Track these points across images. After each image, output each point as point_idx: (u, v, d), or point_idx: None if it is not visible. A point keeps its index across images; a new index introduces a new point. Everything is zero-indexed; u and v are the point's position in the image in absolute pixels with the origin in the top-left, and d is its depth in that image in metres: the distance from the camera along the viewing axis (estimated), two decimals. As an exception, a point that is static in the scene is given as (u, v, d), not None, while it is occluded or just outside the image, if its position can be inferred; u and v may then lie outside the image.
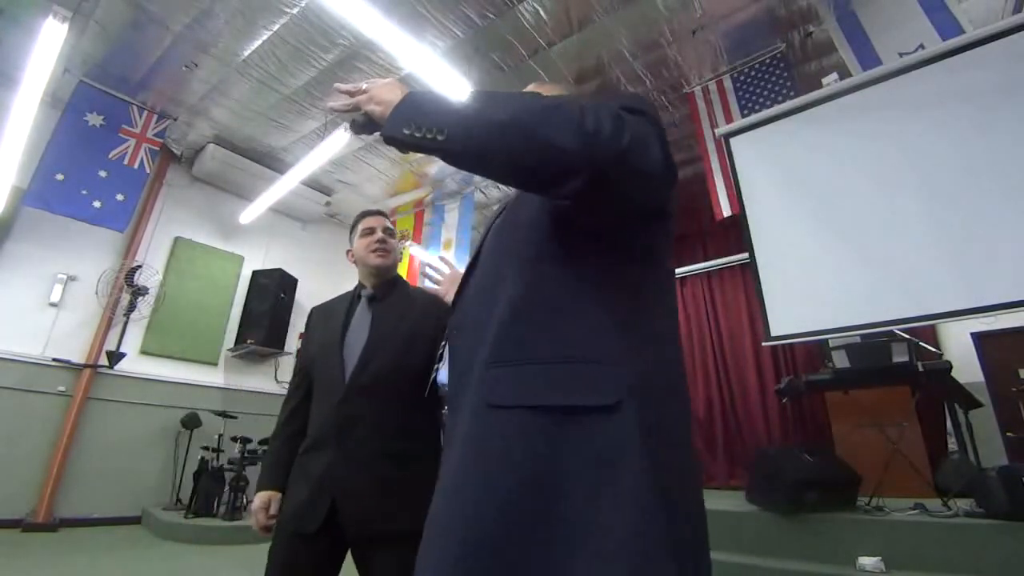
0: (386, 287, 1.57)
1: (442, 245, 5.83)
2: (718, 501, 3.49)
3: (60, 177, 4.29)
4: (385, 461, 1.32)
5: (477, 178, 5.85)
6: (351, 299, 1.58)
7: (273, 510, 1.39)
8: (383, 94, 0.76)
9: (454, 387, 0.76)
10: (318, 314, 1.65)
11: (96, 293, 4.75)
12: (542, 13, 3.64)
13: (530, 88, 0.97)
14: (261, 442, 4.75)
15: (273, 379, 5.91)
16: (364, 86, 0.80)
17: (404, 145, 0.72)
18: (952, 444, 3.40)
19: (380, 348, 1.43)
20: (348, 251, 1.68)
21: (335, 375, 1.41)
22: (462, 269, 0.85)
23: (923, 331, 3.84)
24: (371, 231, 1.62)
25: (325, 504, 1.27)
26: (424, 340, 1.44)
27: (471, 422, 0.68)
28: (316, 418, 1.44)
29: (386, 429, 1.35)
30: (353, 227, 1.69)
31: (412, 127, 0.69)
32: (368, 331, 1.46)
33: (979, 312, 2.67)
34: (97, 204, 4.46)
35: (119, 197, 4.58)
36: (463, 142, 0.67)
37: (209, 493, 4.43)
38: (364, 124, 0.80)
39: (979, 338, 4.32)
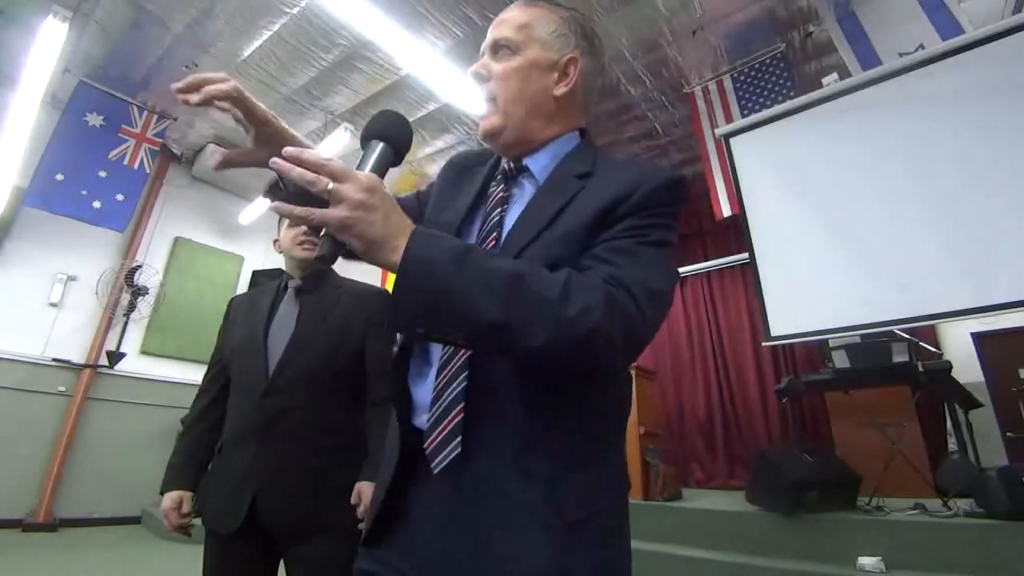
0: (315, 278, 1.47)
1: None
2: (718, 501, 3.49)
3: (60, 177, 4.28)
4: (312, 456, 1.28)
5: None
6: (276, 290, 1.49)
7: (186, 508, 1.34)
8: (368, 230, 0.57)
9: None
10: (239, 304, 1.56)
11: (96, 293, 4.76)
12: (542, 13, 3.63)
13: (518, 17, 0.81)
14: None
15: (273, 379, 5.90)
16: (331, 187, 0.57)
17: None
18: (952, 444, 3.40)
19: (307, 341, 1.37)
20: (275, 240, 1.57)
21: (257, 369, 1.34)
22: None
23: (923, 331, 3.84)
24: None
25: (246, 501, 1.22)
26: (353, 334, 1.40)
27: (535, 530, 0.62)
28: (236, 413, 1.36)
29: (312, 424, 1.31)
30: (281, 216, 1.64)
31: (424, 330, 0.58)
32: (295, 324, 1.40)
33: (979, 312, 2.67)
34: (97, 204, 4.46)
35: (119, 197, 4.58)
36: (483, 350, 0.63)
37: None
38: (332, 254, 0.59)
39: (979, 338, 4.32)
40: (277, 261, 6.12)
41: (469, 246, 0.61)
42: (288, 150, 0.59)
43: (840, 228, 3.19)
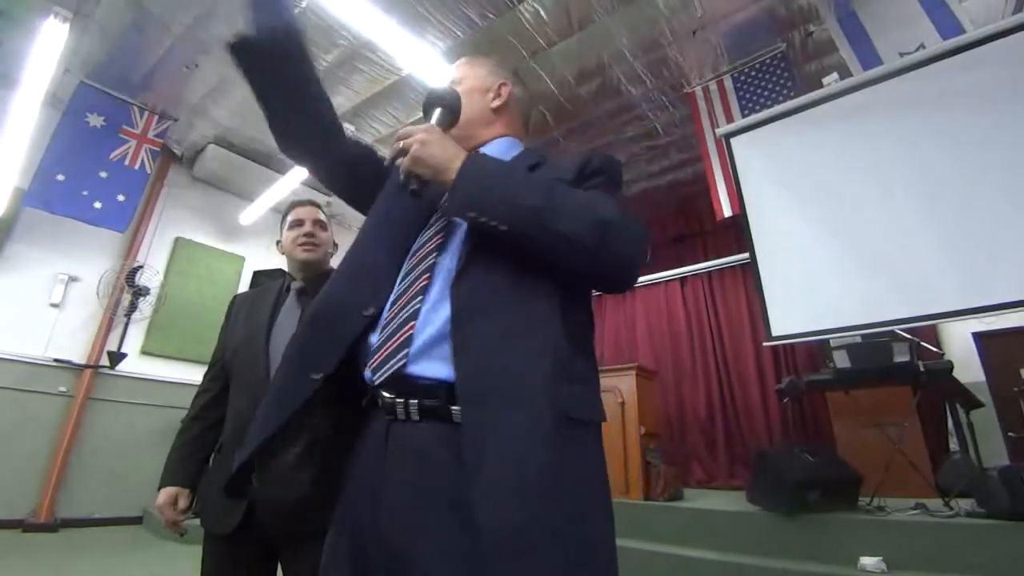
0: (318, 281, 1.45)
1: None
2: (718, 501, 3.49)
3: (61, 178, 4.29)
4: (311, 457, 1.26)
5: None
6: (279, 290, 1.50)
7: (182, 505, 1.35)
8: (430, 157, 0.78)
9: (480, 385, 0.70)
10: (240, 303, 1.56)
11: (97, 293, 4.76)
12: (542, 13, 3.64)
13: (458, 67, 1.11)
14: (262, 442, 4.74)
15: (274, 379, 5.90)
16: (402, 142, 0.81)
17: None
18: (953, 444, 3.40)
19: None
20: (277, 242, 1.60)
21: (258, 370, 1.33)
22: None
23: (924, 331, 3.83)
24: (299, 223, 1.54)
25: (243, 502, 1.21)
26: None
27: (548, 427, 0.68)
28: (235, 414, 1.35)
29: (313, 422, 1.30)
30: (283, 217, 1.62)
31: (476, 212, 0.75)
32: (295, 326, 1.37)
33: (980, 312, 2.67)
34: (98, 205, 4.47)
35: (120, 198, 4.58)
36: (522, 237, 0.75)
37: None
38: (418, 189, 0.80)
39: (980, 338, 4.31)
40: (278, 261, 6.04)
41: (513, 163, 0.89)
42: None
43: (841, 228, 3.19)
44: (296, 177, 5.21)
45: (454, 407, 0.70)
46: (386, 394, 0.76)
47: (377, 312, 0.81)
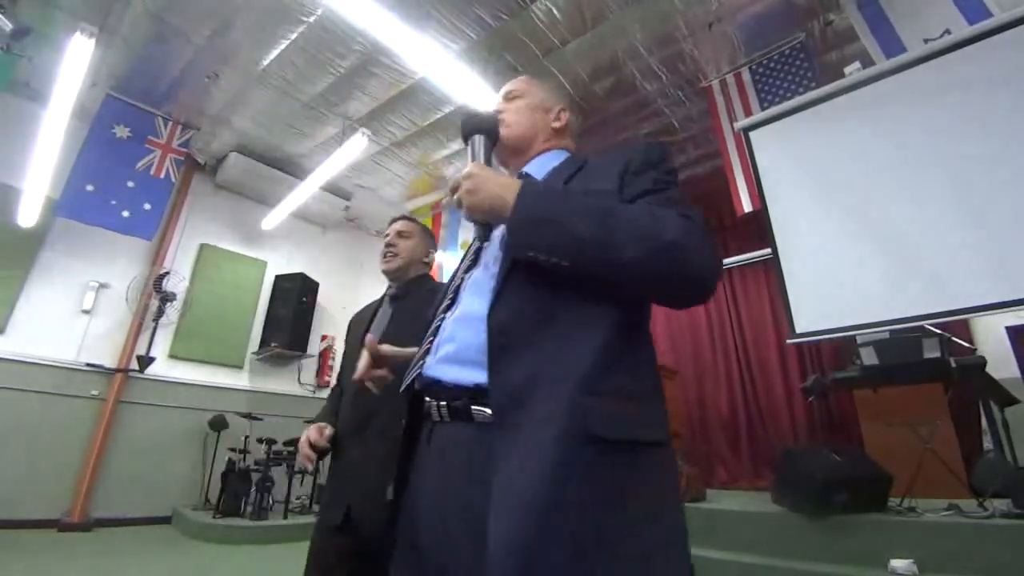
0: (408, 285, 1.64)
1: (459, 246, 5.85)
2: (743, 502, 3.43)
3: (90, 188, 4.43)
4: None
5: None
6: (382, 299, 1.68)
7: (328, 433, 1.45)
8: (481, 204, 0.77)
9: (508, 400, 0.69)
10: (354, 320, 1.75)
11: (126, 300, 4.90)
12: (555, 12, 3.63)
13: (519, 83, 1.09)
14: (286, 443, 4.83)
15: (296, 381, 6.01)
16: (455, 195, 0.80)
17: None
18: (987, 443, 3.27)
19: (394, 340, 1.42)
20: None
21: (354, 369, 1.47)
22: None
23: (955, 326, 3.70)
24: (387, 236, 1.71)
25: (343, 503, 1.34)
26: None
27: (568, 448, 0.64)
28: (341, 413, 1.52)
29: (399, 424, 1.36)
30: None
31: (535, 252, 0.72)
32: (384, 327, 1.53)
33: (1014, 306, 2.57)
34: (126, 214, 4.60)
35: (146, 206, 4.71)
36: (586, 271, 0.72)
37: (236, 493, 4.52)
38: (481, 234, 0.83)
39: (1015, 332, 4.15)
40: (299, 266, 6.26)
41: (566, 188, 0.85)
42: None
43: (866, 221, 3.11)
44: (315, 182, 5.30)
45: (475, 407, 0.72)
46: (427, 399, 0.80)
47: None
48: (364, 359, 0.96)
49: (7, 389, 4.19)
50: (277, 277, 6.01)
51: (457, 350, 0.78)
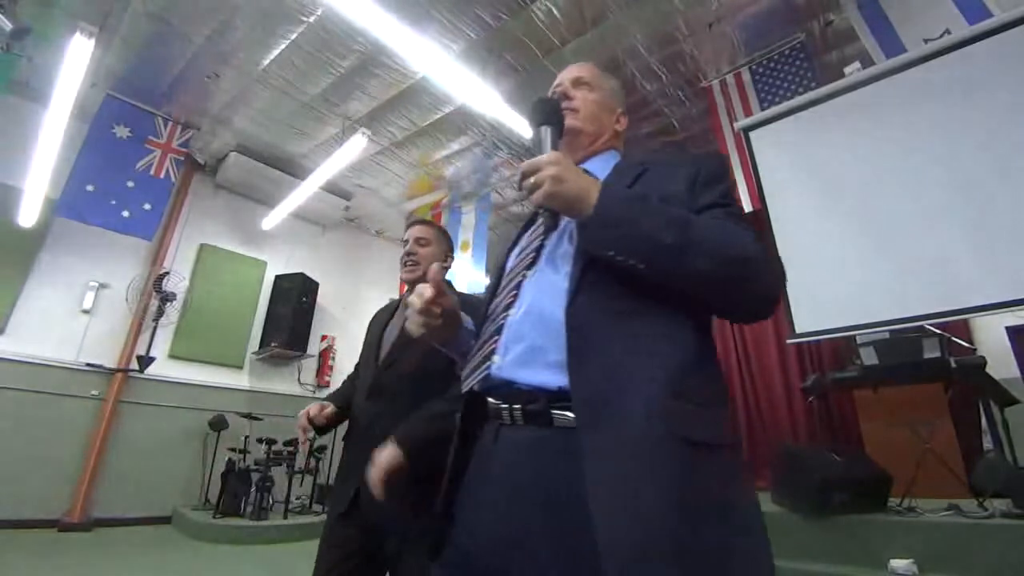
0: None
1: (460, 247, 5.85)
2: (743, 502, 3.42)
3: (90, 188, 4.43)
4: None
5: (493, 179, 5.86)
6: (399, 301, 1.70)
7: (327, 412, 1.52)
8: (567, 192, 0.74)
9: (595, 404, 0.70)
10: (374, 319, 1.76)
11: (126, 300, 4.90)
12: (555, 12, 3.62)
13: (590, 72, 1.11)
14: (286, 443, 4.83)
15: (296, 381, 6.01)
16: (533, 178, 0.75)
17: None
18: (987, 442, 3.27)
19: (405, 349, 1.48)
20: None
21: (368, 372, 1.55)
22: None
23: (955, 326, 3.70)
24: (405, 243, 1.68)
25: (351, 492, 1.38)
26: None
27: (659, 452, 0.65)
28: (352, 410, 1.57)
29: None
30: None
31: (614, 251, 0.72)
32: (402, 328, 1.52)
33: (1013, 306, 2.57)
34: (126, 213, 4.60)
35: (146, 206, 4.71)
36: (659, 275, 0.73)
37: (236, 493, 4.52)
38: (551, 224, 0.79)
39: (1015, 332, 4.15)
40: (299, 266, 6.26)
41: (645, 192, 0.82)
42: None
43: (866, 221, 3.11)
44: (315, 182, 5.30)
45: (555, 411, 0.72)
46: (492, 400, 0.80)
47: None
48: (427, 290, 0.83)
49: (7, 389, 4.19)
50: (277, 277, 6.01)
51: (532, 351, 0.76)
